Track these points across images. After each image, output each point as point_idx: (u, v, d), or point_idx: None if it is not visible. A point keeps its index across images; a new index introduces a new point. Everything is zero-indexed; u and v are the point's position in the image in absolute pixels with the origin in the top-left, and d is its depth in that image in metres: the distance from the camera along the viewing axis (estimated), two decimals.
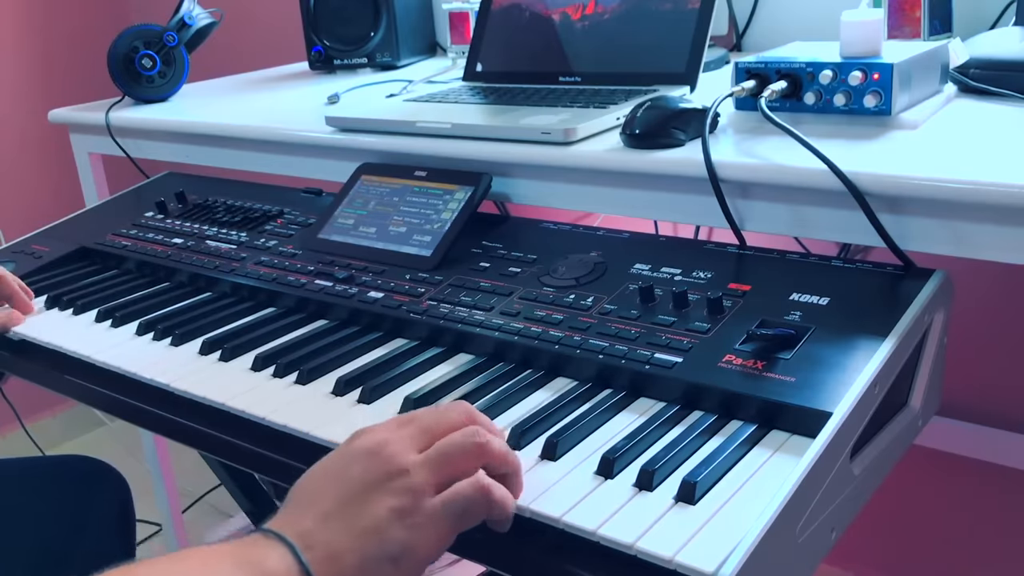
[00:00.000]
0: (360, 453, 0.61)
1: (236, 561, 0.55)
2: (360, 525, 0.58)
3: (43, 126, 1.57)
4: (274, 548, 0.57)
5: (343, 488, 0.60)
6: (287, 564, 0.56)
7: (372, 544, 0.57)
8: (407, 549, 0.58)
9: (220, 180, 1.34)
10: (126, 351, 0.93)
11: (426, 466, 0.60)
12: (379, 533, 0.57)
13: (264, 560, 0.56)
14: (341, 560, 0.57)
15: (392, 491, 0.59)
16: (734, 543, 0.55)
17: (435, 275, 0.94)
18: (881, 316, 0.73)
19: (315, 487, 0.61)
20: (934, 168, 0.76)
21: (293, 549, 0.56)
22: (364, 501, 0.58)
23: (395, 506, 0.58)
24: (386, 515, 0.58)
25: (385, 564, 0.57)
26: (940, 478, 1.46)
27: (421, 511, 0.58)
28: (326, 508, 0.59)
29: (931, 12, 1.12)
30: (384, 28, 1.60)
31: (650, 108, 0.93)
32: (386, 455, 0.60)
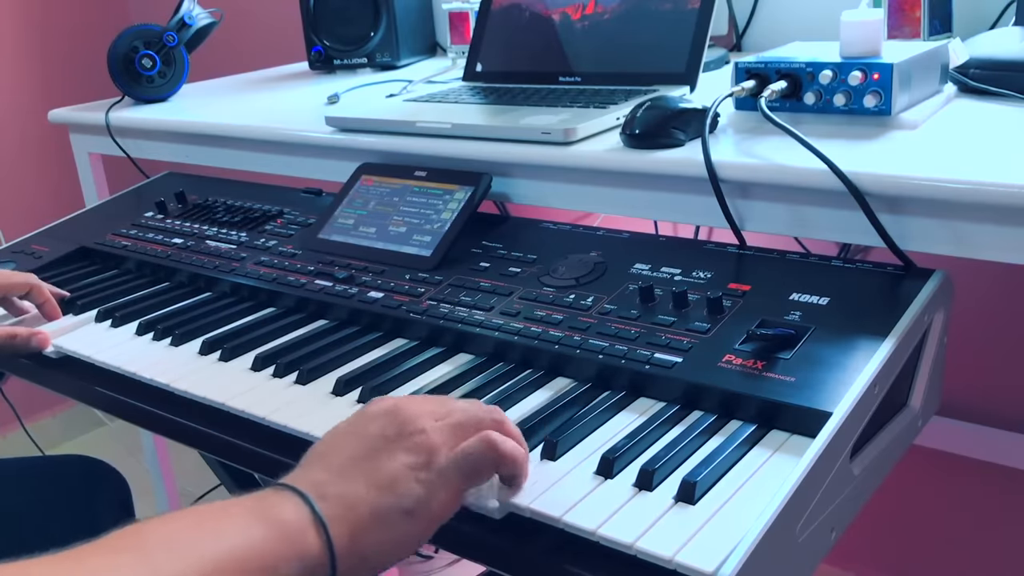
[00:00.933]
0: (377, 413, 0.62)
1: (251, 512, 0.56)
2: (375, 478, 0.58)
3: (43, 126, 1.57)
4: (288, 499, 0.57)
5: (359, 444, 0.60)
6: (301, 514, 0.56)
7: (387, 496, 0.58)
8: (421, 503, 0.58)
9: (220, 180, 1.34)
10: (126, 351, 0.93)
11: (442, 430, 0.61)
12: (394, 486, 0.58)
13: (279, 511, 0.56)
14: (355, 510, 0.57)
15: (407, 448, 0.59)
16: (734, 543, 0.55)
17: (435, 275, 0.94)
18: (881, 316, 0.73)
19: (330, 445, 0.62)
20: (934, 168, 0.76)
21: (307, 499, 0.57)
22: (379, 456, 0.59)
23: (409, 462, 0.59)
24: (401, 469, 0.59)
25: (399, 516, 0.58)
26: (940, 478, 1.46)
27: (434, 468, 0.59)
28: (341, 462, 0.59)
29: (931, 12, 1.12)
30: (384, 28, 1.60)
31: (650, 108, 0.93)
32: (403, 415, 0.61)
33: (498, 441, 0.61)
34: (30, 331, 0.97)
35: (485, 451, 0.60)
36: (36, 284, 1.02)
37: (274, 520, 0.55)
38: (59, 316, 1.02)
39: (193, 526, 0.54)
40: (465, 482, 0.60)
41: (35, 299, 1.02)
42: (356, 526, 0.57)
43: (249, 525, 0.55)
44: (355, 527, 0.57)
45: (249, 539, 0.54)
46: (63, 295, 1.05)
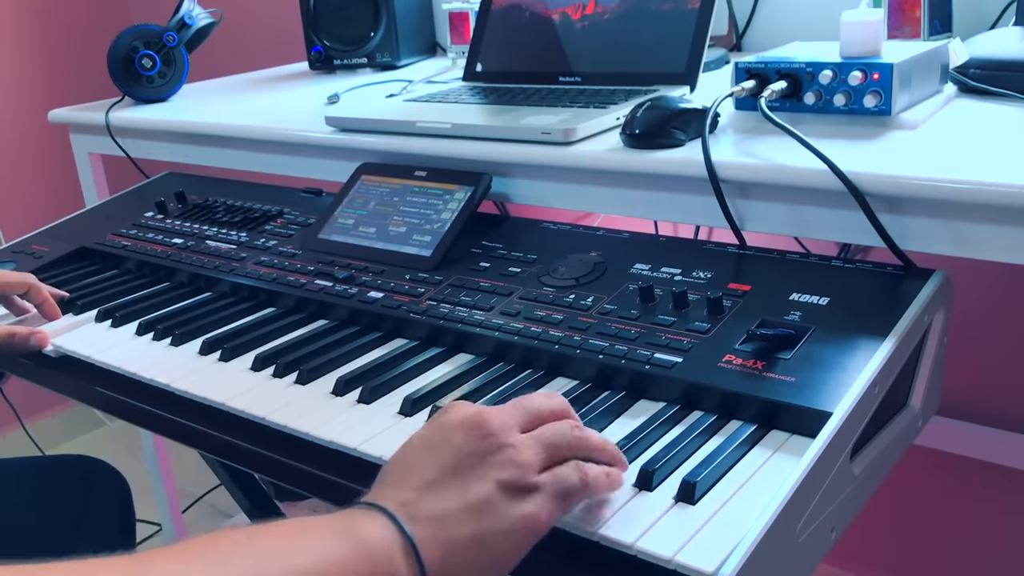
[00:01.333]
0: (459, 424, 0.58)
1: (333, 530, 0.52)
2: (468, 497, 0.55)
3: (43, 126, 1.57)
4: (374, 519, 0.54)
5: (445, 458, 0.57)
6: (388, 535, 0.53)
7: (484, 516, 0.54)
8: (519, 521, 0.55)
9: (220, 180, 1.34)
10: (126, 351, 0.93)
11: (532, 446, 0.58)
12: (490, 505, 0.55)
13: (364, 530, 0.53)
14: (449, 532, 0.54)
15: (499, 464, 0.56)
16: (734, 543, 0.55)
17: (435, 275, 0.94)
18: (881, 316, 0.73)
19: (411, 460, 0.58)
20: (934, 168, 0.76)
21: (395, 519, 0.53)
22: (470, 473, 0.56)
23: (503, 479, 0.56)
24: (495, 488, 0.55)
25: (498, 536, 0.55)
26: (940, 478, 1.46)
27: (529, 486, 0.56)
28: (429, 478, 0.56)
29: (931, 12, 1.12)
30: (384, 28, 1.60)
31: (650, 108, 0.93)
32: (489, 428, 0.58)
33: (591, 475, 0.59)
34: (29, 330, 0.97)
35: (578, 483, 0.58)
36: (34, 284, 1.02)
37: (359, 539, 0.52)
38: (58, 316, 1.02)
39: (271, 539, 0.51)
40: (560, 504, 0.57)
41: (33, 299, 1.02)
42: (450, 549, 0.54)
43: (331, 542, 0.51)
44: (448, 550, 0.54)
45: (330, 556, 0.50)
46: (62, 296, 1.05)
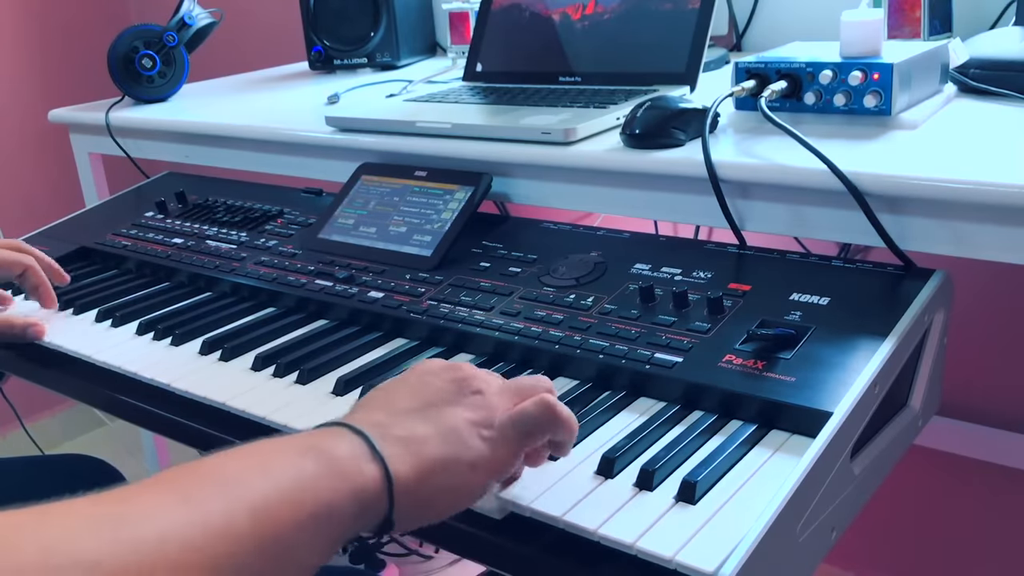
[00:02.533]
0: (438, 369, 0.61)
1: (301, 449, 0.52)
2: (439, 426, 0.57)
3: (43, 126, 1.57)
4: (342, 436, 0.54)
5: (420, 392, 0.59)
6: (358, 452, 0.53)
7: (454, 444, 0.56)
8: (483, 458, 0.57)
9: (220, 180, 1.34)
10: (126, 351, 0.93)
11: (499, 392, 0.61)
12: (459, 437, 0.57)
13: (331, 447, 0.53)
14: (421, 452, 0.55)
15: (469, 405, 0.59)
16: (734, 543, 0.55)
17: (435, 275, 0.94)
18: (881, 316, 0.73)
19: (388, 392, 0.60)
20: (934, 168, 0.76)
21: (364, 436, 0.54)
22: (442, 407, 0.58)
23: (472, 418, 0.58)
24: (464, 423, 0.57)
25: (464, 467, 0.56)
26: (940, 478, 1.46)
27: (494, 426, 0.58)
28: (403, 406, 0.58)
29: (931, 12, 1.12)
30: (384, 28, 1.60)
31: (650, 108, 0.93)
32: (461, 373, 0.61)
33: (555, 403, 0.60)
34: (26, 321, 0.96)
35: (543, 412, 0.59)
36: (30, 266, 0.98)
37: (328, 455, 0.52)
38: (54, 305, 0.99)
39: (241, 463, 0.51)
40: (522, 442, 0.59)
41: (28, 282, 0.98)
42: (421, 467, 0.54)
43: (298, 461, 0.51)
44: (420, 467, 0.54)
45: (302, 477, 0.50)
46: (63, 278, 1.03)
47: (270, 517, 0.47)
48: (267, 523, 0.47)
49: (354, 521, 0.52)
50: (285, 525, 0.48)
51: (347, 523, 0.51)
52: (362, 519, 0.52)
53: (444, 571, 1.70)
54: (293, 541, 0.48)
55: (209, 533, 0.45)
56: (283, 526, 0.48)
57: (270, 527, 0.47)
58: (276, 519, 0.47)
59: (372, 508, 0.52)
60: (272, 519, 0.47)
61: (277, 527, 0.47)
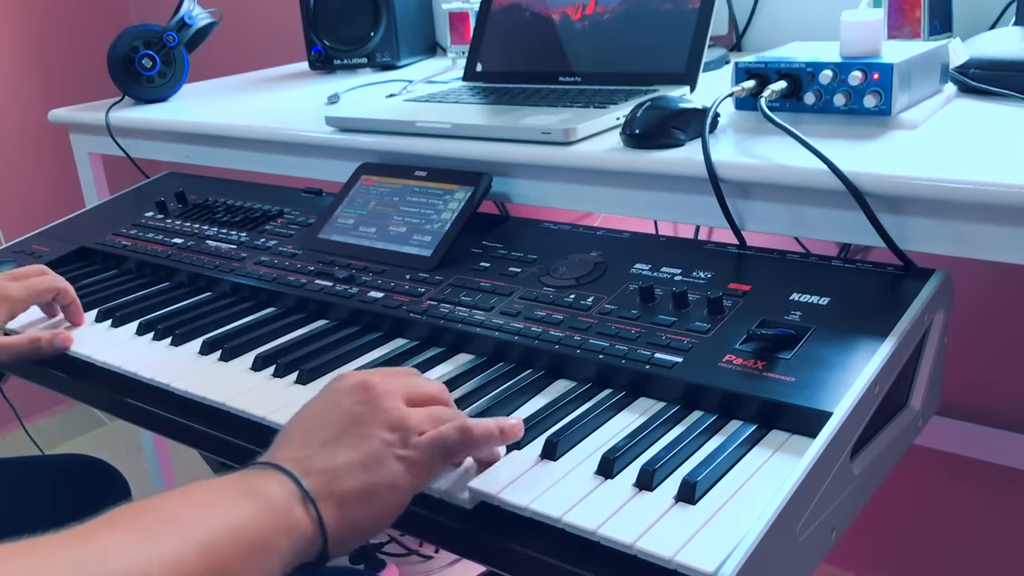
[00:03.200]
0: (348, 389, 0.65)
1: (239, 490, 0.57)
2: (355, 454, 0.61)
3: (43, 126, 1.57)
4: (272, 476, 0.59)
5: (335, 419, 0.63)
6: (288, 490, 0.58)
7: (372, 470, 0.60)
8: (402, 478, 0.61)
9: (220, 180, 1.34)
10: (126, 351, 0.93)
11: (419, 416, 0.64)
12: (376, 462, 0.61)
13: (265, 487, 0.58)
14: (342, 483, 0.59)
15: (387, 426, 0.62)
16: (734, 543, 0.55)
17: (435, 275, 0.94)
18: (881, 316, 0.73)
19: (304, 422, 0.64)
20: (934, 168, 0.76)
21: (292, 475, 0.59)
22: (359, 432, 0.62)
23: (389, 439, 0.62)
24: (380, 446, 0.61)
25: (385, 489, 0.61)
26: (940, 478, 1.46)
27: (411, 446, 0.62)
28: (319, 439, 0.62)
29: (931, 12, 1.12)
30: (384, 28, 1.60)
31: (650, 108, 0.93)
32: (374, 392, 0.64)
33: (472, 428, 0.64)
34: (52, 333, 0.96)
35: (462, 437, 0.63)
36: (63, 288, 1.00)
37: (262, 495, 0.57)
38: (82, 321, 1.00)
39: (188, 504, 0.56)
40: (441, 461, 0.64)
41: (61, 302, 1.00)
42: (344, 500, 0.59)
43: (239, 502, 0.56)
44: (343, 500, 0.59)
45: (241, 516, 0.55)
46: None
47: (217, 552, 0.53)
48: (214, 557, 0.52)
49: (291, 554, 0.57)
50: (230, 559, 0.53)
51: (284, 556, 0.56)
52: (297, 552, 0.57)
53: (444, 571, 1.70)
54: (235, 571, 0.53)
55: (164, 567, 0.50)
56: (228, 559, 0.53)
57: (217, 560, 0.53)
58: (222, 554, 0.53)
59: (307, 543, 0.58)
60: (219, 554, 0.53)
61: (223, 560, 0.53)
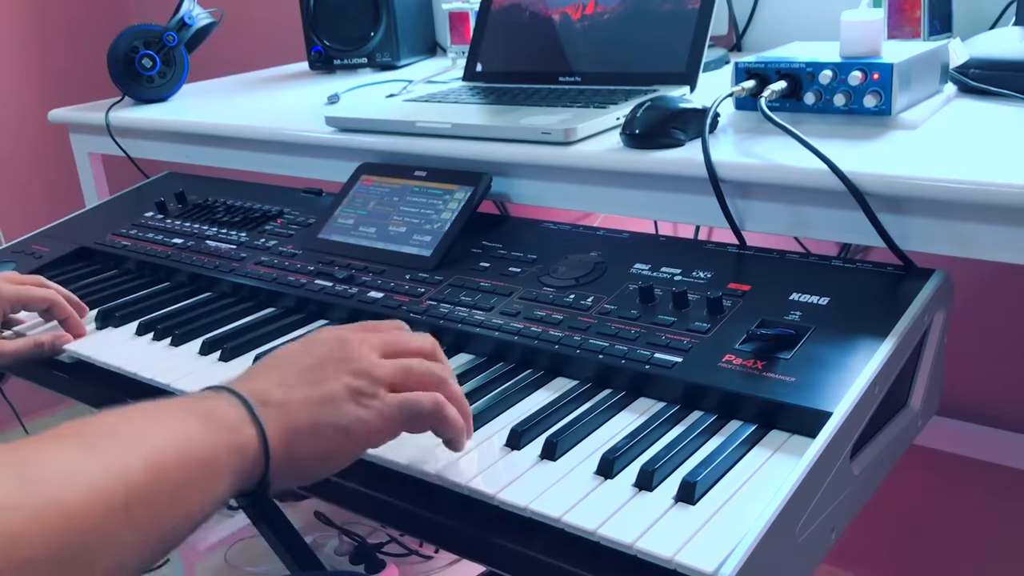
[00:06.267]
0: (326, 338, 0.66)
1: (189, 409, 0.58)
2: (316, 392, 0.61)
3: (43, 126, 1.57)
4: (225, 399, 0.60)
5: (304, 362, 0.64)
6: (238, 414, 0.59)
7: (327, 411, 0.61)
8: (359, 423, 0.61)
9: (220, 180, 1.34)
10: (126, 351, 0.93)
11: (389, 367, 0.64)
12: (334, 403, 0.61)
13: (216, 409, 0.59)
14: (293, 416, 0.60)
15: (352, 373, 0.63)
16: (734, 543, 0.55)
17: (435, 275, 0.94)
18: (881, 316, 0.73)
19: (274, 360, 0.65)
20: (934, 168, 0.76)
21: (244, 401, 0.60)
22: (323, 375, 0.62)
23: (352, 385, 0.62)
24: (343, 390, 0.62)
25: (337, 432, 0.61)
26: (940, 478, 1.46)
27: (376, 397, 0.62)
28: (283, 374, 0.63)
29: (931, 12, 1.12)
30: (384, 28, 1.60)
31: (650, 108, 0.93)
32: (352, 344, 0.65)
33: (446, 407, 0.64)
34: (53, 335, 0.96)
35: (433, 410, 0.64)
36: (57, 302, 0.97)
37: (212, 416, 0.58)
38: (84, 332, 0.98)
39: (134, 420, 0.57)
40: (404, 423, 0.64)
41: (56, 316, 0.98)
42: (292, 431, 0.60)
43: (188, 420, 0.57)
44: (291, 432, 0.60)
45: (189, 432, 0.56)
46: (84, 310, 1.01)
47: (163, 465, 0.54)
48: (159, 469, 0.53)
49: (234, 475, 0.57)
50: (173, 472, 0.54)
51: (228, 476, 0.57)
52: (241, 474, 0.58)
53: (444, 571, 1.70)
54: (180, 486, 0.54)
55: (109, 476, 0.51)
56: (172, 472, 0.54)
57: (163, 474, 0.53)
58: (166, 466, 0.54)
59: (250, 465, 0.58)
60: (163, 466, 0.54)
61: (167, 473, 0.54)
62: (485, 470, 0.67)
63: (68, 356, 0.96)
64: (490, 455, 0.69)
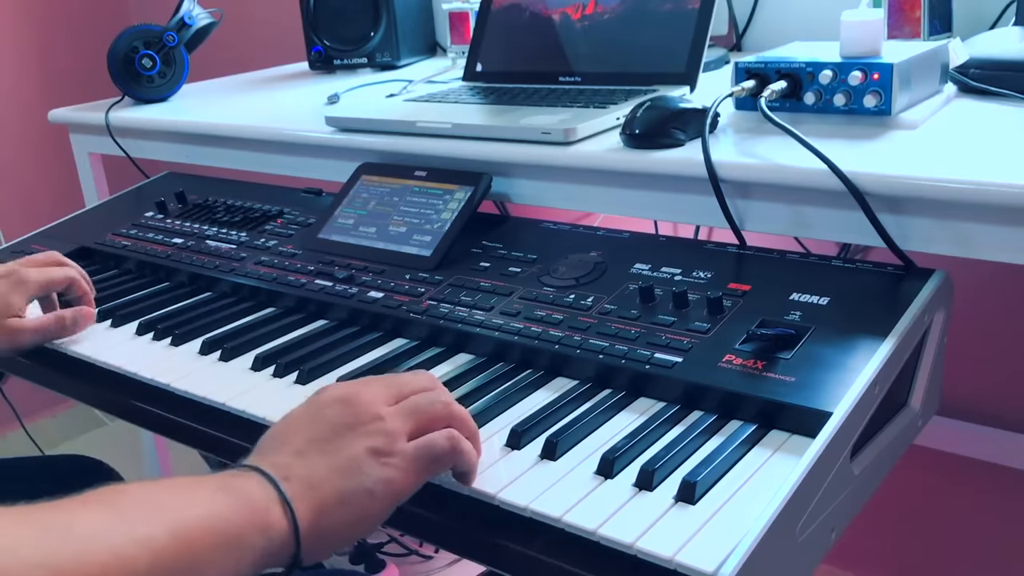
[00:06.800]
0: (331, 400, 0.64)
1: (218, 486, 0.58)
2: (337, 460, 0.61)
3: (43, 126, 1.57)
4: (252, 478, 0.59)
5: (317, 430, 0.63)
6: (266, 492, 0.58)
7: (351, 477, 0.60)
8: (383, 483, 0.61)
9: (220, 180, 1.34)
10: (126, 351, 0.93)
11: (399, 415, 0.63)
12: (356, 468, 0.60)
13: (244, 487, 0.58)
14: (319, 490, 0.59)
15: (367, 433, 0.62)
16: (734, 543, 0.55)
17: (435, 275, 0.94)
18: (881, 316, 0.73)
19: (286, 431, 0.64)
20: (934, 168, 0.76)
21: (271, 479, 0.59)
22: (340, 441, 0.62)
23: (371, 446, 0.61)
24: (363, 453, 0.61)
25: (362, 496, 0.60)
26: (940, 478, 1.46)
27: (396, 452, 0.62)
28: (300, 446, 0.62)
29: (931, 12, 1.12)
30: (384, 28, 1.60)
31: (650, 108, 0.93)
32: (359, 402, 0.64)
33: (460, 441, 0.64)
34: (75, 311, 0.97)
35: (448, 446, 0.63)
36: (76, 279, 0.99)
37: (240, 493, 0.57)
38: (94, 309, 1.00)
39: (164, 492, 0.57)
40: (425, 470, 0.63)
41: (74, 293, 1.00)
42: (320, 505, 0.59)
43: (216, 497, 0.57)
44: (319, 506, 0.59)
45: (217, 508, 0.56)
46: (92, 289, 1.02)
47: (188, 537, 0.53)
48: (185, 542, 0.53)
49: (262, 554, 0.57)
50: (201, 546, 0.54)
51: (255, 554, 0.56)
52: (269, 552, 0.57)
53: (444, 571, 1.70)
54: (204, 560, 0.54)
55: (133, 543, 0.51)
56: (199, 546, 0.54)
57: (187, 546, 0.53)
58: (193, 540, 0.53)
59: (279, 545, 0.58)
60: (190, 539, 0.53)
61: (194, 547, 0.53)
62: (485, 470, 0.67)
63: (55, 352, 0.95)
64: (490, 455, 0.69)
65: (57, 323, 0.96)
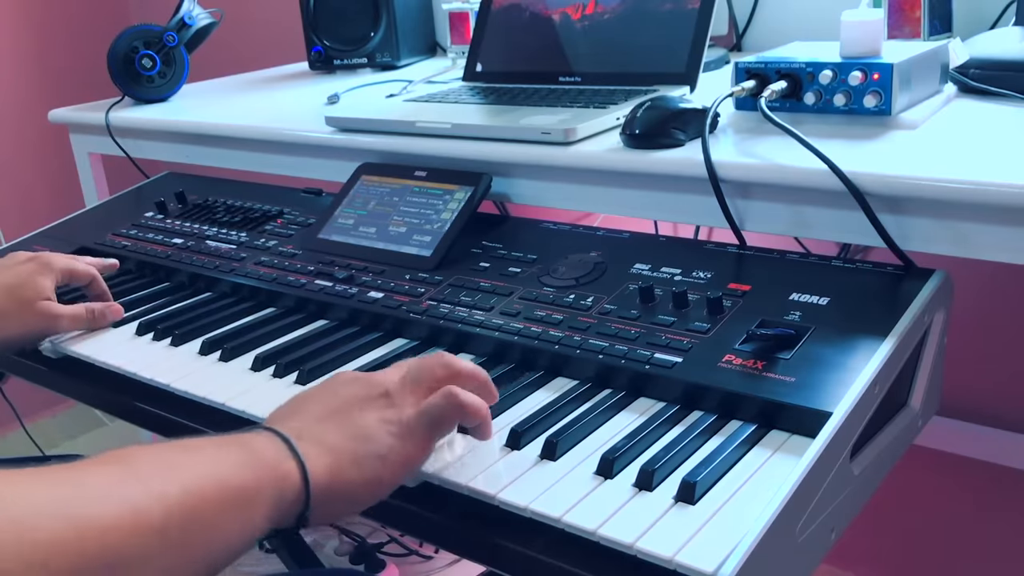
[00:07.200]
0: (345, 380, 0.68)
1: (231, 444, 0.60)
2: (350, 429, 0.63)
3: (43, 126, 1.57)
4: (267, 438, 0.61)
5: (331, 402, 0.65)
6: (277, 448, 0.60)
7: (363, 444, 0.63)
8: (393, 449, 0.63)
9: (220, 180, 1.34)
10: (126, 351, 0.93)
11: (404, 386, 0.66)
12: (369, 435, 0.63)
13: (258, 446, 0.60)
14: (333, 451, 0.62)
15: (378, 406, 0.65)
16: (734, 543, 0.55)
17: (435, 275, 0.94)
18: (881, 316, 0.73)
19: (301, 402, 0.67)
20: (934, 168, 0.76)
21: (286, 439, 0.61)
22: (352, 411, 0.64)
23: (381, 417, 0.64)
24: (373, 422, 0.64)
25: (375, 460, 0.62)
26: (940, 478, 1.46)
27: (403, 422, 0.64)
28: (316, 415, 0.64)
29: (931, 12, 1.12)
30: (384, 28, 1.60)
31: (650, 108, 0.93)
32: (372, 382, 0.67)
33: (459, 393, 0.65)
34: (104, 304, 0.98)
35: (449, 403, 0.65)
36: (98, 277, 1.01)
37: (252, 450, 0.59)
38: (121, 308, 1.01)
39: (177, 451, 0.58)
40: (432, 433, 0.65)
41: (93, 291, 1.01)
42: (333, 465, 0.61)
43: (229, 453, 0.59)
44: (332, 465, 0.61)
45: (230, 465, 0.57)
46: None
47: (200, 492, 0.55)
48: (197, 496, 0.54)
49: (273, 508, 0.58)
50: (211, 500, 0.55)
51: (266, 508, 0.58)
52: (280, 508, 0.59)
53: (444, 571, 1.69)
54: (217, 514, 0.55)
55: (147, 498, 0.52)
56: (209, 500, 0.55)
57: (199, 500, 0.54)
58: (203, 494, 0.55)
59: (290, 499, 0.59)
60: (201, 494, 0.55)
61: (204, 501, 0.55)
62: (485, 470, 0.67)
63: (55, 352, 0.95)
64: (490, 455, 0.69)
65: (87, 313, 0.97)
